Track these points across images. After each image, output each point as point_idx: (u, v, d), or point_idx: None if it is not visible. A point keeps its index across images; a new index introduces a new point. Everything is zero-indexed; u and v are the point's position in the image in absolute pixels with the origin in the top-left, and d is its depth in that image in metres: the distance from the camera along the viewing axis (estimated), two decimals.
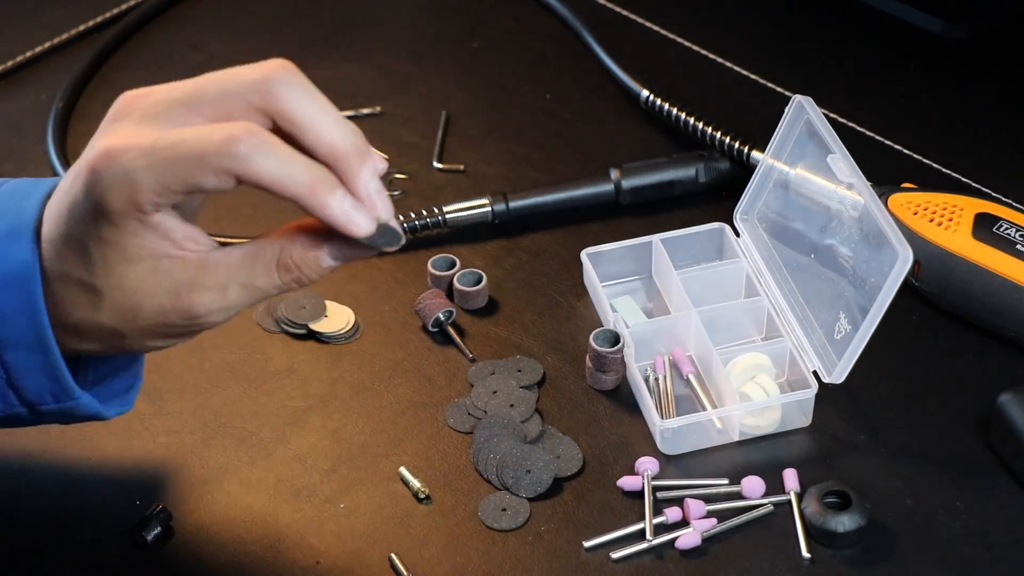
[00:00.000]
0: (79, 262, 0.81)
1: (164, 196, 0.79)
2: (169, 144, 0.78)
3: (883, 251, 0.97)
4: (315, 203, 0.79)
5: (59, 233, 0.82)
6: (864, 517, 0.94)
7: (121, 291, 0.82)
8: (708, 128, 1.18)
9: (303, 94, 0.81)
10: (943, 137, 1.22)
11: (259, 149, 0.78)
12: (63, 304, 0.83)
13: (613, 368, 1.04)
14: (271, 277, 0.82)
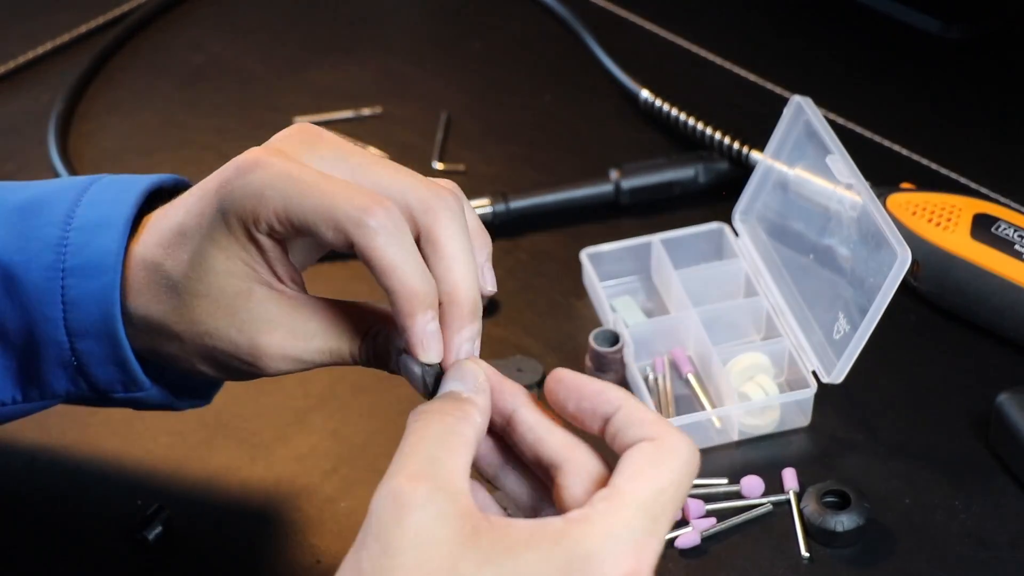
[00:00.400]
0: (177, 256, 0.80)
1: (281, 226, 0.77)
2: (312, 182, 0.76)
3: (882, 251, 0.97)
4: (407, 308, 0.76)
5: (174, 222, 0.81)
6: (863, 516, 0.95)
7: (202, 300, 0.80)
8: (707, 128, 1.18)
9: (458, 229, 0.78)
10: (941, 138, 1.22)
11: (389, 231, 0.75)
12: (142, 295, 0.82)
13: (613, 368, 1.04)
14: (355, 345, 0.80)
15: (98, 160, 1.23)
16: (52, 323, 0.83)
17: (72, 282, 0.82)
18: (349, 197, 0.76)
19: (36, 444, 1.02)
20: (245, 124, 1.27)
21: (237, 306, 0.80)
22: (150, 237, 0.82)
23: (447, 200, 0.78)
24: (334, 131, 1.25)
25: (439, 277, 0.77)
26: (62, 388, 0.86)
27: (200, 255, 0.80)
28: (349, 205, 0.76)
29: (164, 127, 1.27)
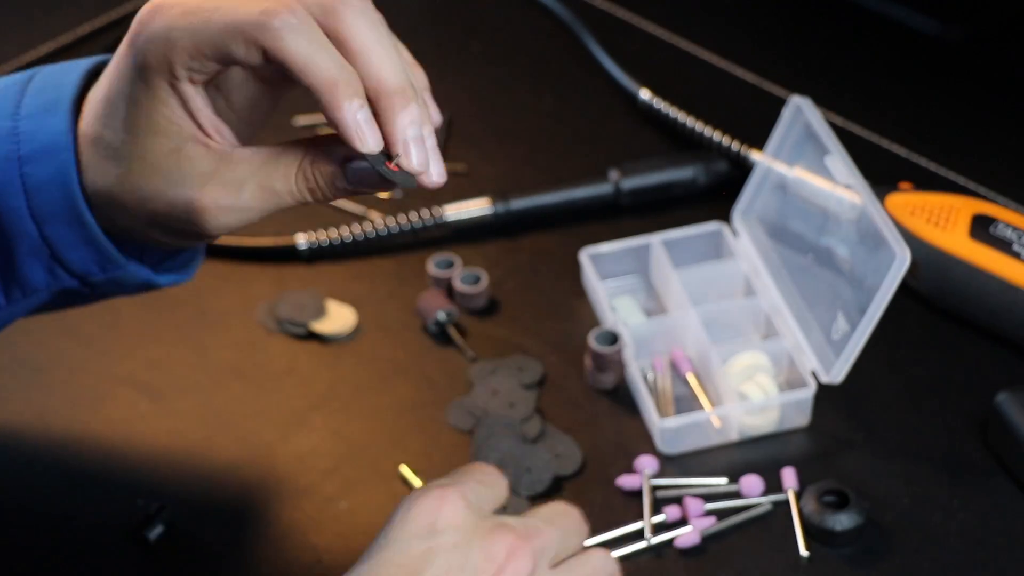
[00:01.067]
0: (112, 123, 0.81)
1: (196, 61, 0.78)
2: (211, 7, 0.77)
3: (881, 251, 0.97)
4: (330, 100, 0.76)
5: (102, 94, 0.82)
6: (862, 516, 0.95)
7: (138, 162, 0.81)
8: (707, 129, 1.18)
9: (366, 22, 0.78)
10: (941, 138, 1.22)
11: (294, 28, 0.76)
12: (92, 170, 0.82)
13: (612, 368, 1.04)
14: (288, 181, 0.80)
15: None
16: (17, 213, 0.83)
17: (29, 169, 0.83)
18: (246, 7, 0.76)
19: (37, 444, 1.02)
20: None
21: (169, 165, 0.81)
22: (89, 111, 0.82)
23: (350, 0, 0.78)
24: None
25: (361, 73, 0.77)
26: (41, 280, 0.86)
27: (128, 118, 0.80)
28: (251, 18, 0.76)
29: None
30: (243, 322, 1.10)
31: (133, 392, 1.05)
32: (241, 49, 0.77)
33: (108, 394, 1.05)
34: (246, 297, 1.12)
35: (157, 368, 1.06)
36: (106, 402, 1.04)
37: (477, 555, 0.80)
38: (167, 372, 1.07)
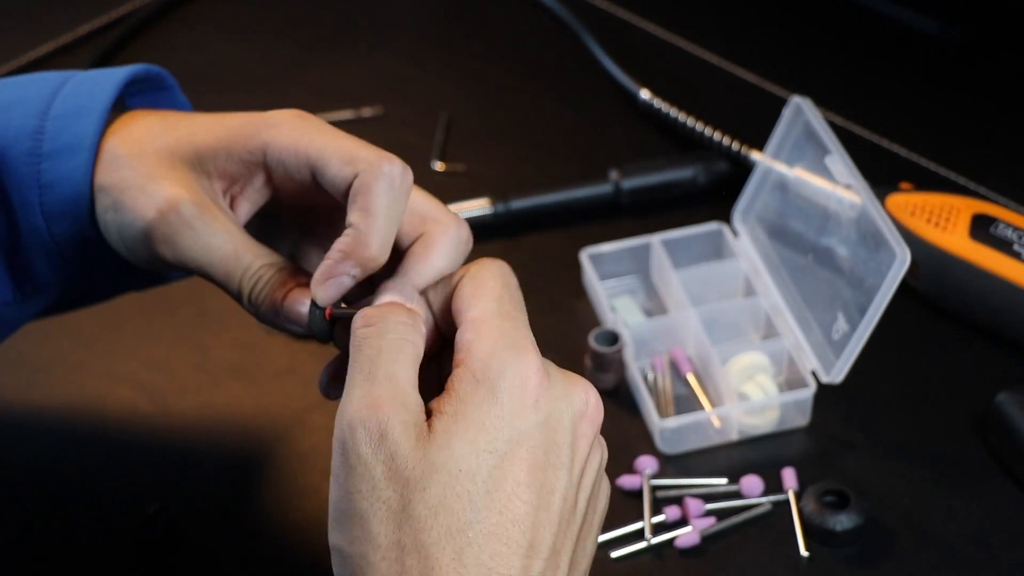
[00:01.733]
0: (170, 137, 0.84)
1: (288, 154, 0.81)
2: (331, 127, 0.82)
3: (881, 251, 0.97)
4: (349, 246, 0.79)
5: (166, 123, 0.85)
6: (862, 516, 0.95)
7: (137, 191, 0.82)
8: (707, 129, 1.18)
9: (394, 197, 0.84)
10: (940, 138, 1.22)
11: (395, 184, 0.83)
12: (104, 176, 0.83)
13: (612, 368, 1.04)
14: (252, 265, 0.81)
15: None
16: (30, 207, 0.84)
17: (47, 165, 0.84)
18: (367, 145, 0.82)
19: (37, 444, 1.02)
20: None
21: (179, 180, 0.82)
22: (129, 130, 0.84)
23: (386, 162, 0.83)
24: None
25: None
26: (51, 277, 0.86)
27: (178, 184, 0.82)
28: (369, 150, 0.81)
29: None
30: (243, 322, 1.10)
31: (133, 392, 1.05)
32: (334, 167, 0.80)
33: (108, 394, 1.05)
34: None
35: (157, 368, 1.06)
36: (106, 402, 1.04)
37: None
38: (167, 372, 1.06)
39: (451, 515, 0.71)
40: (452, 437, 0.72)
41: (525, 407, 0.74)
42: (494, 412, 0.73)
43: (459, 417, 0.72)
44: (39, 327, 1.08)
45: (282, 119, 0.82)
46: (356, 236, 0.78)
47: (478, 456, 0.72)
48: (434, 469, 0.71)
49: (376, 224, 0.79)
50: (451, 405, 0.73)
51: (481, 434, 0.72)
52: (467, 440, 0.72)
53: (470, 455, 0.72)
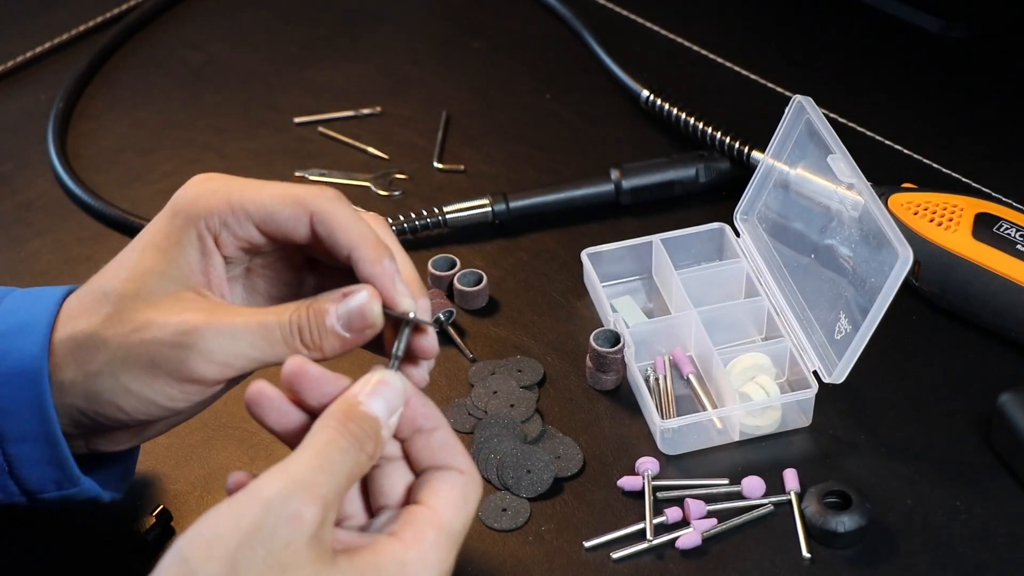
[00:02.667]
0: (114, 272, 0.83)
1: (237, 218, 0.83)
2: (267, 182, 0.85)
3: (883, 251, 0.97)
4: (371, 254, 0.82)
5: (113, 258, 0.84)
6: (864, 517, 0.94)
7: (134, 299, 0.82)
8: (708, 128, 1.18)
9: (351, 212, 0.85)
10: (943, 137, 1.22)
11: (343, 201, 0.84)
12: (69, 319, 0.83)
13: (613, 368, 1.04)
14: (281, 315, 0.82)
15: (97, 159, 1.23)
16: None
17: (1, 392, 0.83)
18: (300, 185, 0.84)
19: None
20: (245, 124, 1.27)
21: (167, 301, 0.82)
22: (74, 304, 0.84)
23: (329, 191, 0.85)
24: (334, 131, 1.26)
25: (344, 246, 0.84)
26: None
27: (140, 259, 0.83)
28: (304, 189, 0.84)
29: (163, 127, 1.27)
30: None
31: None
32: (288, 211, 0.83)
33: None
34: None
35: None
36: None
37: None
38: None
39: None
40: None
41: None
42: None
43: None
44: None
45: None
46: (362, 250, 0.83)
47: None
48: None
49: (357, 232, 0.83)
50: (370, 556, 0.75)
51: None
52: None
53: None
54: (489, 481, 0.99)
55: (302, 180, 1.21)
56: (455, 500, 0.79)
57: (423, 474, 0.80)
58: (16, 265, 1.15)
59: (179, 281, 0.83)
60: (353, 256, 0.82)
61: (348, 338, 0.82)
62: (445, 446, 0.80)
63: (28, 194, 1.20)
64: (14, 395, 0.83)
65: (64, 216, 1.18)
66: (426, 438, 0.80)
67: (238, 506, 0.73)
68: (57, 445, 0.84)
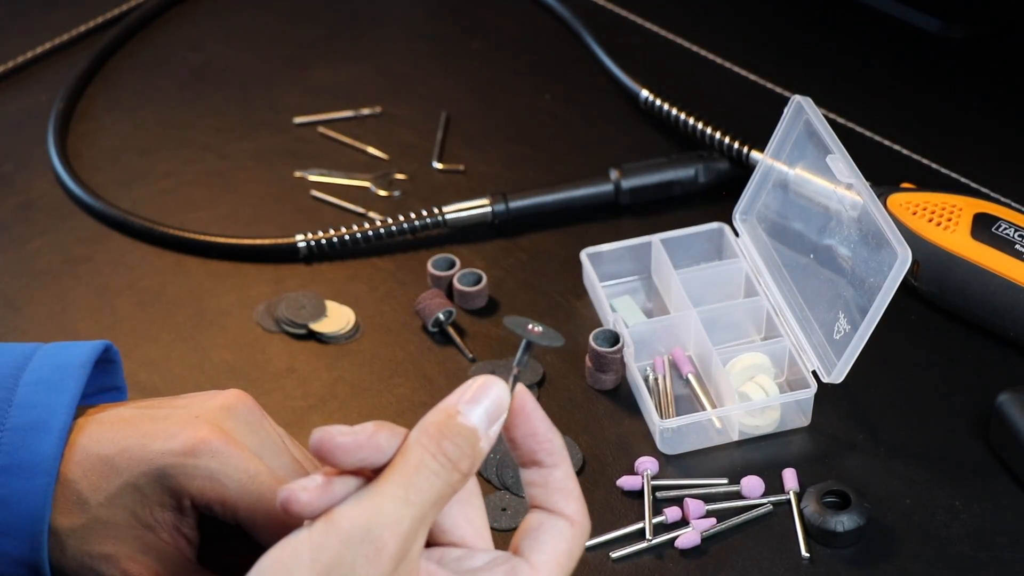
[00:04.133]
0: (95, 482, 0.82)
1: (229, 513, 0.81)
2: (269, 487, 0.80)
3: (882, 251, 0.97)
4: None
5: (103, 452, 0.82)
6: (863, 517, 0.94)
7: (100, 525, 0.82)
8: (707, 128, 1.18)
9: None
10: (942, 137, 1.22)
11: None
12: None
13: (613, 368, 1.04)
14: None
15: (97, 159, 1.23)
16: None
17: (4, 480, 0.82)
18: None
19: None
20: (245, 124, 1.27)
21: (129, 539, 0.82)
22: (74, 452, 0.82)
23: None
24: (334, 131, 1.26)
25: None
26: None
27: (120, 492, 0.82)
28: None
29: (163, 127, 1.27)
30: (242, 322, 1.10)
31: (133, 392, 1.04)
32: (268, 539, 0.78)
33: None
34: (245, 297, 1.11)
35: (156, 369, 1.06)
36: None
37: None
38: (166, 373, 1.06)
39: None
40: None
41: None
42: None
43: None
44: (39, 328, 1.08)
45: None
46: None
47: None
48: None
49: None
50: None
51: None
52: None
53: None
54: (489, 481, 0.99)
55: (302, 180, 1.21)
56: (559, 558, 0.74)
57: (532, 514, 0.76)
58: (16, 265, 1.15)
59: (147, 525, 0.83)
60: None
61: None
62: (562, 490, 0.75)
63: (28, 194, 1.20)
64: (17, 487, 0.82)
65: (64, 216, 1.18)
66: (543, 475, 0.76)
67: (319, 537, 0.71)
68: (39, 547, 0.82)
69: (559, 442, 0.76)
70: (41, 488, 0.81)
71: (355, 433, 0.73)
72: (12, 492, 0.81)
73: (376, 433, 0.73)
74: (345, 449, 0.72)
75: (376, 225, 1.14)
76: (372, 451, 0.73)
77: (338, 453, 0.72)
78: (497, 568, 0.74)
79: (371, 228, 1.14)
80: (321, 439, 0.72)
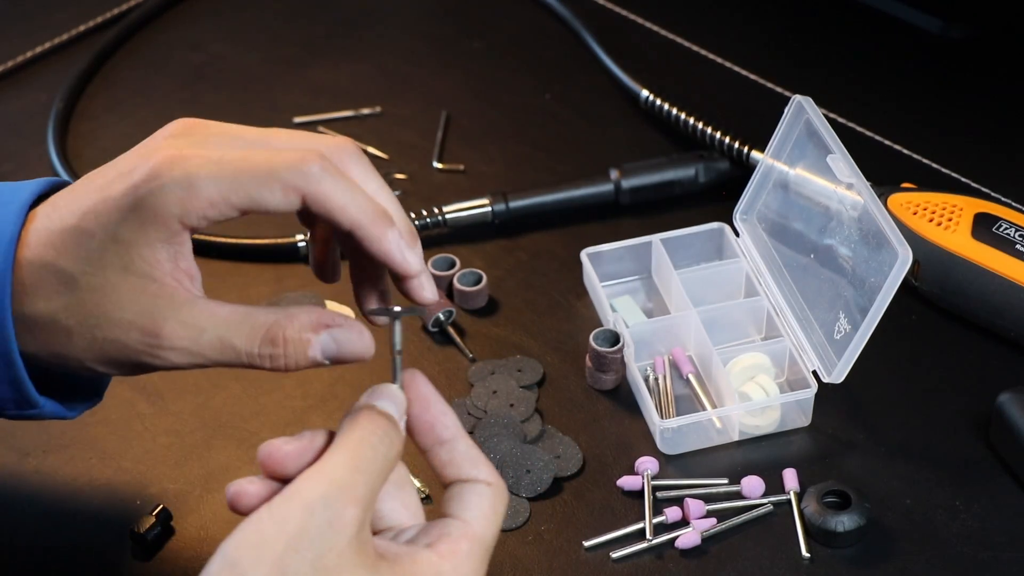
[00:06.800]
0: (73, 254, 0.80)
1: (219, 209, 0.79)
2: (239, 158, 0.79)
3: (883, 251, 0.97)
4: (375, 232, 0.79)
5: (68, 223, 0.81)
6: (863, 517, 0.94)
7: (96, 293, 0.81)
8: (708, 128, 1.18)
9: (367, 166, 0.82)
10: (942, 137, 1.22)
11: (331, 172, 0.79)
12: (32, 295, 0.81)
13: (613, 368, 1.04)
14: (251, 342, 0.80)
15: (97, 159, 1.23)
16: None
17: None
18: (282, 159, 0.79)
19: (36, 444, 1.01)
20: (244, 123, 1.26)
21: (131, 298, 0.80)
22: (36, 238, 0.81)
23: (348, 146, 0.82)
24: (334, 131, 1.26)
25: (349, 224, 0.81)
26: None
27: (101, 252, 0.80)
28: (286, 165, 0.78)
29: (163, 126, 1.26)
30: None
31: (133, 392, 1.05)
32: (278, 196, 0.79)
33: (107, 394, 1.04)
34: (245, 297, 1.11)
35: None
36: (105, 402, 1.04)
37: None
38: (166, 372, 1.06)
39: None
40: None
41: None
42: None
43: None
44: None
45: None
46: (363, 227, 0.80)
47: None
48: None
49: (356, 207, 0.80)
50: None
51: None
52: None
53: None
54: None
55: None
56: (485, 512, 0.78)
57: (451, 487, 0.79)
58: None
59: (143, 273, 0.80)
60: (357, 235, 0.79)
61: (327, 364, 0.82)
62: (468, 458, 0.79)
63: None
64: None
65: None
66: (448, 451, 0.80)
67: (280, 510, 0.72)
68: (13, 365, 0.82)
69: (453, 416, 0.80)
70: (1, 306, 0.80)
71: (298, 440, 0.76)
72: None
73: (315, 437, 0.76)
74: (292, 457, 0.76)
75: None
76: (312, 455, 0.76)
77: (287, 462, 0.75)
78: (432, 530, 0.77)
79: None
80: (269, 452, 0.75)
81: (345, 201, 0.79)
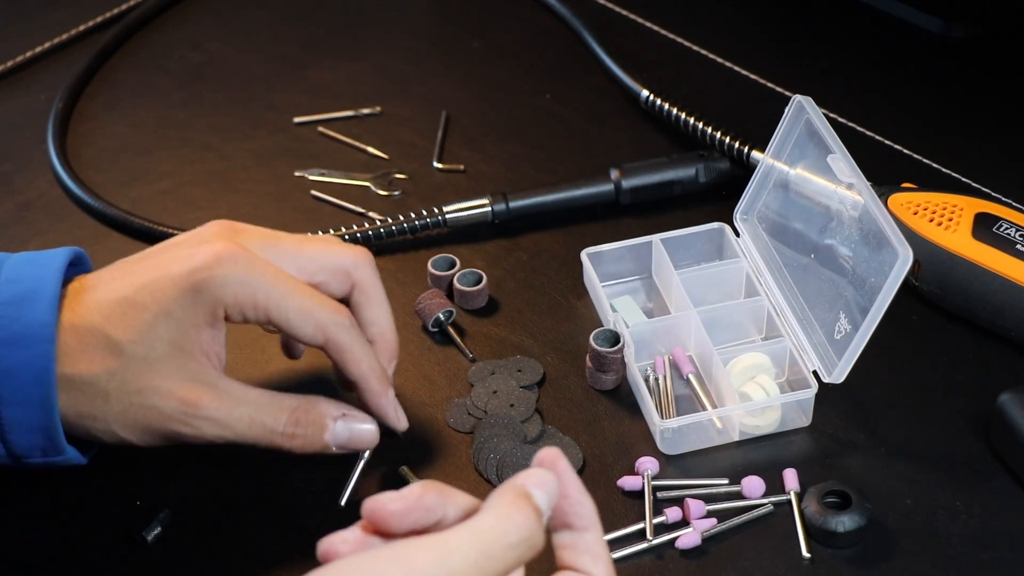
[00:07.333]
0: (122, 323, 0.87)
1: (257, 315, 0.89)
2: (292, 283, 0.90)
3: (883, 251, 0.97)
4: (377, 388, 0.93)
5: (120, 295, 0.88)
6: (864, 517, 0.94)
7: (142, 362, 0.88)
8: (708, 128, 1.18)
9: (378, 278, 0.96)
10: (943, 137, 1.22)
11: (355, 330, 0.92)
12: (70, 358, 0.87)
13: (613, 368, 1.04)
14: (278, 420, 0.91)
15: (97, 159, 1.23)
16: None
17: (4, 352, 0.86)
18: (322, 302, 0.91)
19: None
20: (244, 124, 1.27)
21: (175, 370, 0.88)
22: (83, 307, 0.88)
23: (366, 255, 0.95)
24: (334, 131, 1.26)
25: (372, 319, 0.96)
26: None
27: (152, 325, 0.88)
28: (323, 309, 0.91)
29: (163, 126, 1.27)
30: None
31: None
32: (309, 330, 0.91)
33: None
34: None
35: None
36: None
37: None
38: None
39: None
40: None
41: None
42: None
43: None
44: None
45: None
46: (369, 380, 0.95)
47: None
48: None
49: (366, 363, 0.94)
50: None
51: None
52: None
53: None
54: (489, 481, 0.99)
55: (302, 180, 1.21)
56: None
57: (562, 572, 0.76)
58: None
59: (187, 349, 0.88)
60: (360, 385, 0.93)
61: (332, 451, 0.94)
62: (591, 552, 0.76)
63: (28, 194, 1.20)
64: (19, 357, 0.86)
65: (64, 216, 1.18)
66: (573, 537, 0.76)
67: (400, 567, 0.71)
68: (51, 413, 0.87)
69: (590, 505, 0.76)
70: (42, 354, 0.86)
71: (404, 498, 0.73)
72: (15, 363, 0.86)
73: (423, 495, 0.74)
74: (398, 515, 0.73)
75: (376, 225, 1.14)
76: (422, 513, 0.74)
77: (392, 520, 0.73)
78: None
79: (371, 228, 1.14)
80: (373, 508, 0.73)
81: (360, 356, 0.92)
